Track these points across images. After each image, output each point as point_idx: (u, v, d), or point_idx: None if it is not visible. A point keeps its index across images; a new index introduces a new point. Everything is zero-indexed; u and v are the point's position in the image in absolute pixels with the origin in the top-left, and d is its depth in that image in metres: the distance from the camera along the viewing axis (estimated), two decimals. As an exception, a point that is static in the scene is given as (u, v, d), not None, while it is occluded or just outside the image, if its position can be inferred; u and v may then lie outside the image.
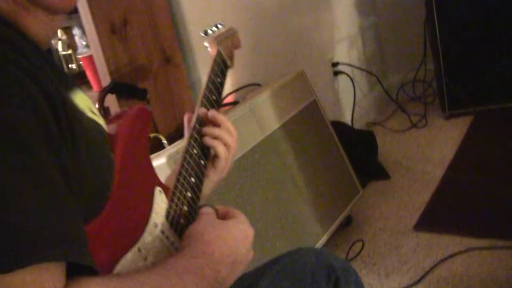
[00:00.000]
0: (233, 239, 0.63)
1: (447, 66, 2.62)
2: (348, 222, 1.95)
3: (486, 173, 2.05)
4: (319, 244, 1.67)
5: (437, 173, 2.17)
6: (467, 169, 2.15)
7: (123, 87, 1.52)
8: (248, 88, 1.98)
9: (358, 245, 1.80)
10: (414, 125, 2.74)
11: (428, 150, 2.45)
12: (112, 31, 1.51)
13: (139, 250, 0.60)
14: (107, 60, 1.49)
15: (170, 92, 1.70)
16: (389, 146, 2.60)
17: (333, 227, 1.75)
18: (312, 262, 0.80)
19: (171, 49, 1.70)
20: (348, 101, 2.68)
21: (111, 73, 1.51)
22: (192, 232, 0.63)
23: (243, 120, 1.56)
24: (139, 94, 1.55)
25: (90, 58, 1.56)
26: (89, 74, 1.62)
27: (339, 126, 2.19)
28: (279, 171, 1.63)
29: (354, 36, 2.87)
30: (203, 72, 1.84)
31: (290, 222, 1.59)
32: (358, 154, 2.14)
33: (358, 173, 1.96)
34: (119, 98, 1.53)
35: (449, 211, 1.89)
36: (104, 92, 1.48)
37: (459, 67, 2.61)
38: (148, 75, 1.62)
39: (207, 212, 0.68)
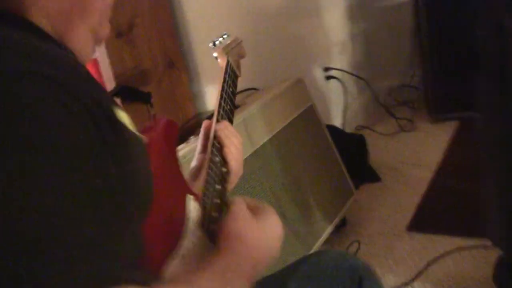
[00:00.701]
0: (267, 238, 0.66)
1: (434, 71, 2.70)
2: (342, 224, 2.00)
3: (473, 175, 2.13)
4: (316, 246, 1.71)
5: (426, 175, 2.25)
6: (455, 172, 2.22)
7: (128, 91, 1.54)
8: (245, 93, 2.01)
9: (354, 246, 1.85)
10: (401, 129, 2.81)
11: (416, 153, 2.53)
12: (118, 35, 1.52)
13: (183, 256, 0.64)
14: (112, 63, 1.51)
15: (173, 96, 1.72)
16: (378, 150, 2.66)
17: (330, 229, 1.80)
18: (334, 264, 0.84)
19: (174, 53, 1.72)
20: (339, 105, 2.74)
21: (116, 77, 1.53)
22: (231, 231, 0.64)
23: (245, 125, 1.60)
24: (144, 98, 1.57)
25: (94, 61, 1.58)
26: (93, 77, 1.62)
27: (331, 129, 2.24)
28: (278, 174, 1.67)
29: (345, 42, 2.94)
30: (205, 77, 1.87)
31: (287, 224, 1.63)
32: (350, 157, 2.20)
33: (350, 176, 2.02)
34: (123, 101, 1.55)
35: (440, 212, 1.96)
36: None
37: (446, 73, 2.69)
38: (152, 79, 1.64)
39: (240, 208, 0.67)
